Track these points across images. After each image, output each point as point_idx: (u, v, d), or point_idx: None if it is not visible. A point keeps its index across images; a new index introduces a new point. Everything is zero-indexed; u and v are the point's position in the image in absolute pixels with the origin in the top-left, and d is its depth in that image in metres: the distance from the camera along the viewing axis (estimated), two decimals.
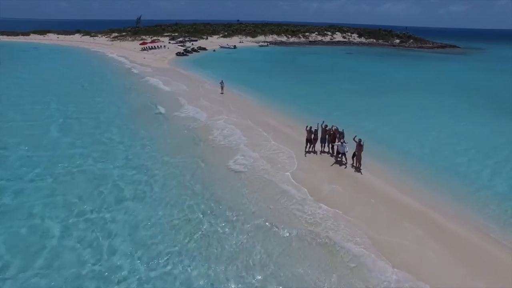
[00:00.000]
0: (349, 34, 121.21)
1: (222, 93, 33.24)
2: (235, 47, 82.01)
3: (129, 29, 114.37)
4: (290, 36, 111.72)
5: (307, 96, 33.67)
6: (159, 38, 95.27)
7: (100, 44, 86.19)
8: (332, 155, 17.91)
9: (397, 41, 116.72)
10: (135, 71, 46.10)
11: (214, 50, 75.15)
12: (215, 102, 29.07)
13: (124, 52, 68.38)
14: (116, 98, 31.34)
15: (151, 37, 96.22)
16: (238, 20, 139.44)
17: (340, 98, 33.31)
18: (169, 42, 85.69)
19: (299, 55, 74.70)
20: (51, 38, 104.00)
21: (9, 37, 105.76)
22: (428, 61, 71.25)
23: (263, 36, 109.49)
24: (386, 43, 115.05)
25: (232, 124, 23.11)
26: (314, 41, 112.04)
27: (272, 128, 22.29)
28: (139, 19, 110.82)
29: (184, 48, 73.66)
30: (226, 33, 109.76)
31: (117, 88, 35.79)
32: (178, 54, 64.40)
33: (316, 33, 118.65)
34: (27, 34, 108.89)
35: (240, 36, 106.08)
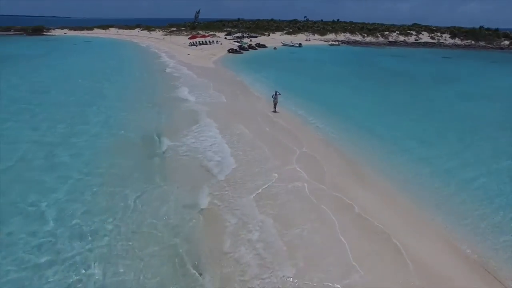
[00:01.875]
0: (439, 34, 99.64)
1: (274, 111, 20.74)
2: (300, 45, 68.78)
3: (188, 24, 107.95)
4: (365, 35, 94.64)
5: (421, 130, 19.19)
6: (216, 33, 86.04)
7: (152, 38, 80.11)
8: None
9: (506, 42, 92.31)
10: (169, 70, 35.83)
11: (274, 48, 62.96)
12: (270, 134, 16.47)
13: (170, 46, 59.82)
14: (122, 114, 20.46)
15: (208, 32, 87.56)
16: (305, 17, 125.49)
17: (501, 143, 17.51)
18: (225, 38, 75.71)
19: (380, 58, 58.78)
20: (111, 32, 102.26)
21: (76, 31, 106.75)
22: None
23: (333, 34, 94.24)
24: (490, 45, 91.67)
25: (320, 196, 10.52)
26: (395, 42, 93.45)
27: (396, 230, 9.00)
28: (197, 13, 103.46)
29: (239, 44, 62.66)
30: (290, 30, 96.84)
31: (134, 96, 25.30)
32: (230, 51, 53.42)
33: (397, 32, 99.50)
34: (91, 28, 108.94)
35: (306, 34, 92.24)
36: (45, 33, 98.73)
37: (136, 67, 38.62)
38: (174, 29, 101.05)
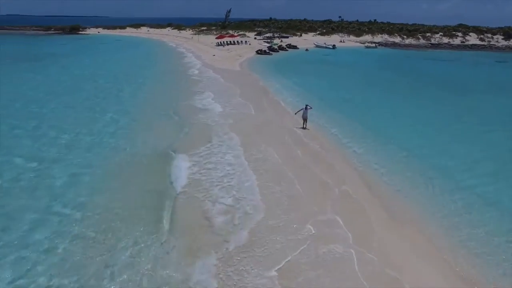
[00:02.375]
0: (490, 35, 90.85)
1: (304, 127, 17.62)
2: (334, 47, 64.53)
3: (219, 23, 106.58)
4: (405, 37, 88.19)
5: (487, 158, 15.09)
6: (246, 33, 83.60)
7: (180, 38, 79.18)
8: None
9: None
10: (192, 71, 33.65)
11: (306, 50, 59.36)
12: (301, 160, 13.32)
13: (197, 46, 58.02)
14: (134, 125, 18.18)
15: (237, 32, 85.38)
16: (340, 17, 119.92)
17: None
18: (255, 38, 72.97)
19: (424, 62, 53.49)
20: (142, 31, 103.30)
21: (109, 30, 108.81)
22: None
23: (370, 35, 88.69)
24: None
25: None
26: (438, 44, 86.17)
27: None
28: (228, 12, 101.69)
29: (269, 45, 59.63)
30: (324, 31, 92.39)
31: (152, 102, 23.28)
32: (259, 52, 50.54)
33: (441, 33, 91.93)
34: (124, 27, 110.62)
35: (341, 34, 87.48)
36: (80, 32, 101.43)
37: (159, 68, 36.88)
38: (205, 28, 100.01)
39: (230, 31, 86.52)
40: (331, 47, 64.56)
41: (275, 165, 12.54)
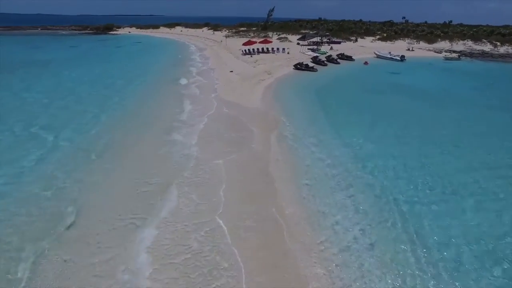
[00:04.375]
0: None
1: None
2: (403, 58, 47.61)
3: (260, 24, 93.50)
4: (499, 44, 67.41)
5: None
6: (288, 36, 69.23)
7: (210, 40, 67.74)
8: None
9: None
10: (183, 117, 20.65)
11: (365, 63, 43.51)
12: None
13: (218, 54, 45.17)
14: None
15: (278, 34, 71.37)
16: (403, 18, 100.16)
17: None
18: (297, 43, 58.24)
19: None
20: (175, 31, 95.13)
21: (141, 30, 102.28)
22: None
23: (447, 41, 69.36)
24: None
25: None
26: None
27: None
28: (271, 11, 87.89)
29: (314, 54, 44.78)
30: (384, 35, 74.80)
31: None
32: (298, 67, 35.91)
33: None
34: (157, 27, 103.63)
35: (408, 40, 69.39)
36: (111, 32, 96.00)
37: (145, 96, 24.44)
38: (244, 29, 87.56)
39: (270, 33, 72.76)
40: (398, 58, 47.73)
41: None
